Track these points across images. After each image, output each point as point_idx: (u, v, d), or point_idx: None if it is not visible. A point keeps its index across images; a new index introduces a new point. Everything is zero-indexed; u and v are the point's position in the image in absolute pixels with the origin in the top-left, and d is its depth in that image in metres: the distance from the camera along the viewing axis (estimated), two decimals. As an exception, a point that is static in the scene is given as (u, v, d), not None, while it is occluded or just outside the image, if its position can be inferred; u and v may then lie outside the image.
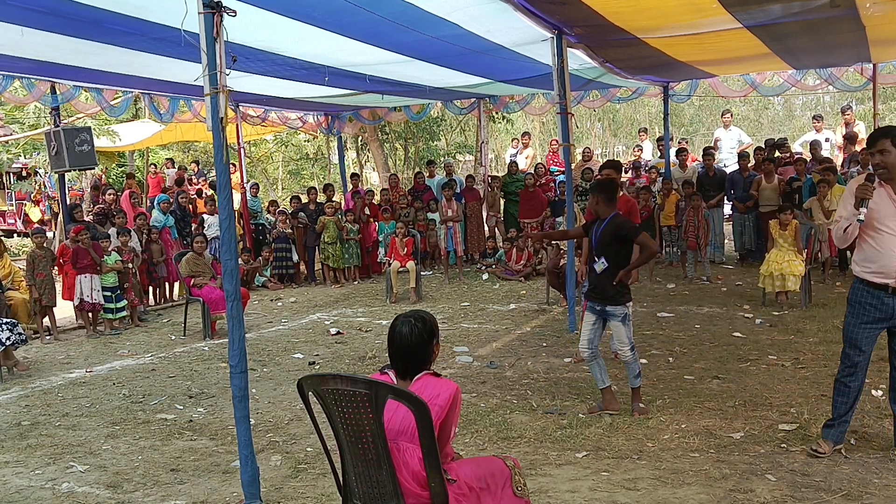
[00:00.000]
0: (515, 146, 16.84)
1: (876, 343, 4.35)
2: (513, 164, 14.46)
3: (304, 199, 13.81)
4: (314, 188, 14.00)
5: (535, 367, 6.69)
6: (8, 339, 7.12)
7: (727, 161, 13.70)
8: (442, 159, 22.65)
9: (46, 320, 9.14)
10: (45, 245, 9.11)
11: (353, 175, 14.98)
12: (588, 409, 5.44)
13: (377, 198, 13.74)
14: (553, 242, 9.90)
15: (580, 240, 6.40)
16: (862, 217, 4.16)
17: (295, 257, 12.74)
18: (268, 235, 12.98)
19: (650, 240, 5.44)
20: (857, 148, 11.59)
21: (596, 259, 5.35)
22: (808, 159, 11.94)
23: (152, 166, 17.84)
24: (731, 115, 15.55)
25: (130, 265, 9.65)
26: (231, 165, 6.93)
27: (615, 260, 5.27)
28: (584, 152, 14.71)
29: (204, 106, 9.91)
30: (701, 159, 12.72)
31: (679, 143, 15.28)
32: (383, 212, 12.77)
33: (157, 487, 4.45)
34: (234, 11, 4.02)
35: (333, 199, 13.25)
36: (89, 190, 17.05)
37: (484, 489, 2.92)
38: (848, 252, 9.31)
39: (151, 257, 10.87)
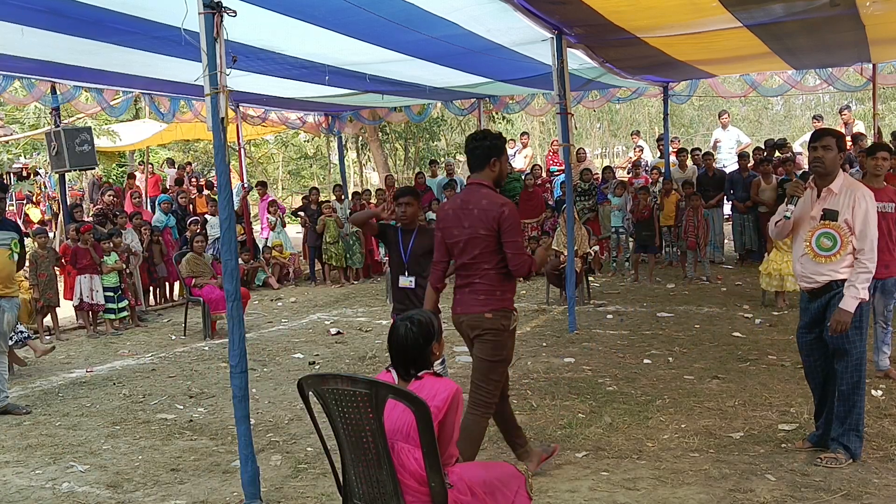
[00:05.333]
0: (513, 146, 16.82)
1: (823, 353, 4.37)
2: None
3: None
4: (316, 188, 14.01)
5: (535, 367, 6.69)
6: (10, 338, 7.11)
7: (726, 161, 13.69)
8: (443, 159, 22.68)
9: (47, 320, 9.14)
10: (47, 245, 9.11)
11: (260, 183, 14.57)
12: None
13: (374, 198, 13.75)
14: (552, 247, 9.89)
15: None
16: (789, 214, 4.29)
17: None
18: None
19: None
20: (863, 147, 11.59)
21: (405, 275, 5.10)
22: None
23: (149, 165, 17.84)
24: (729, 116, 15.53)
25: (125, 266, 9.64)
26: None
27: (427, 271, 5.05)
28: (577, 153, 14.69)
29: (205, 106, 9.92)
30: (697, 161, 12.69)
31: (671, 141, 15.23)
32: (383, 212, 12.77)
33: (157, 487, 4.45)
34: (235, 11, 4.02)
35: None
36: (88, 189, 17.07)
37: (489, 494, 2.90)
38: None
39: (152, 257, 10.88)
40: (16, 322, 6.17)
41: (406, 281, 5.16)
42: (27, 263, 8.97)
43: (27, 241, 8.26)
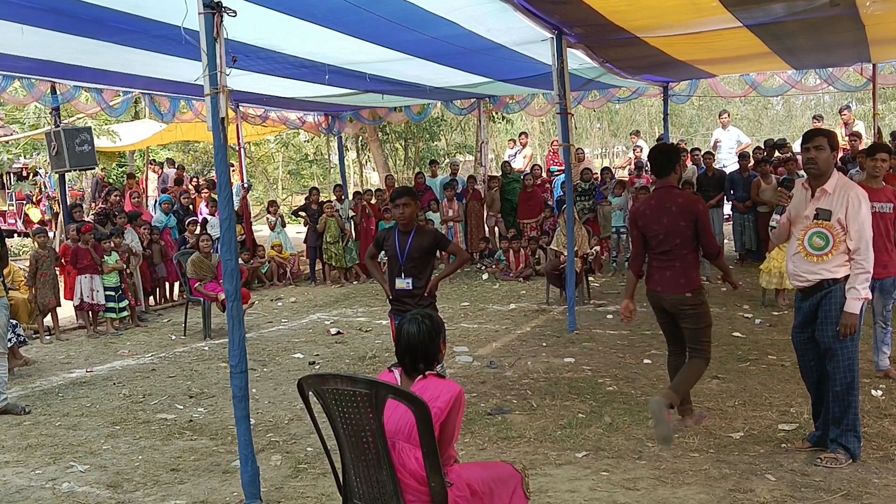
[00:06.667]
0: (513, 147, 16.82)
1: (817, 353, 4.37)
2: (505, 163, 14.44)
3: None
4: (316, 188, 14.02)
5: (535, 367, 6.70)
6: (10, 339, 7.11)
7: (726, 161, 13.68)
8: (443, 159, 22.65)
9: (47, 320, 9.14)
10: (47, 245, 9.11)
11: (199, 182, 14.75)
12: None
13: (373, 199, 13.75)
14: (551, 247, 9.90)
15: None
16: (774, 223, 4.34)
17: None
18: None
19: (461, 248, 5.63)
20: (860, 147, 11.59)
21: (402, 276, 5.10)
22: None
23: (152, 164, 17.86)
24: (729, 116, 15.52)
25: (126, 266, 9.63)
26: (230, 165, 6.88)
27: (424, 272, 5.12)
28: (576, 153, 14.66)
29: (205, 106, 9.92)
30: (697, 161, 12.67)
31: (678, 143, 15.25)
32: (384, 212, 12.78)
33: (157, 487, 4.45)
34: (235, 11, 4.02)
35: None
36: (89, 190, 17.06)
37: (487, 493, 2.91)
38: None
39: (152, 257, 10.87)
40: (7, 322, 6.14)
41: (402, 283, 5.11)
42: (27, 263, 8.98)
43: (27, 241, 8.25)
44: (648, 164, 5.31)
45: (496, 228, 13.81)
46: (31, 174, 17.86)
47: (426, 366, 2.95)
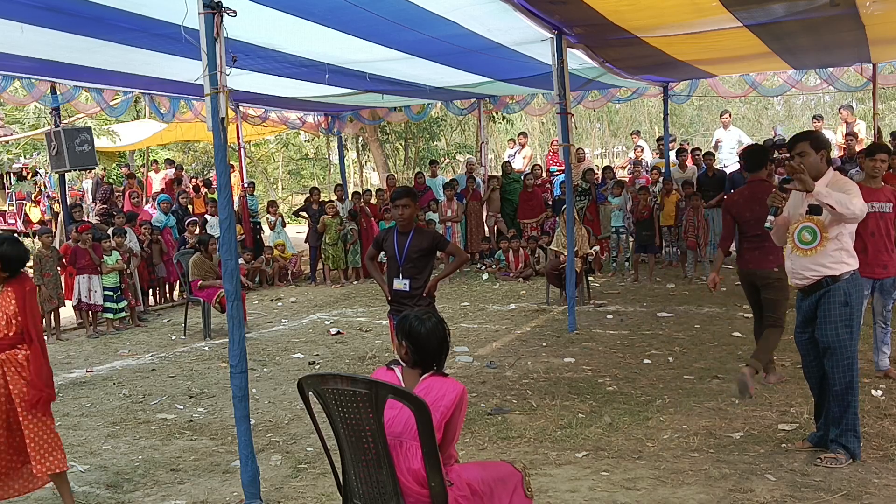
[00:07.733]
0: (512, 147, 16.83)
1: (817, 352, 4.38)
2: (506, 163, 14.43)
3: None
4: (316, 188, 14.02)
5: (535, 367, 6.69)
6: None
7: (727, 161, 13.67)
8: (447, 158, 22.62)
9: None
10: (51, 245, 9.12)
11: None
12: None
13: (374, 199, 13.75)
14: (551, 247, 9.90)
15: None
16: (769, 225, 4.44)
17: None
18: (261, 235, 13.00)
19: (459, 249, 5.73)
20: (858, 148, 11.58)
21: (400, 277, 5.09)
22: None
23: (143, 167, 17.90)
24: (731, 116, 15.53)
25: (126, 266, 9.63)
26: (230, 166, 6.88)
27: (423, 273, 5.11)
28: (576, 153, 14.65)
29: (205, 106, 9.91)
30: (697, 161, 12.65)
31: (682, 143, 15.19)
32: (384, 212, 12.78)
33: (157, 487, 4.45)
34: (235, 12, 4.02)
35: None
36: (92, 188, 17.07)
37: (486, 493, 2.91)
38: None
39: (151, 257, 10.87)
40: None
41: (400, 283, 5.10)
42: (32, 263, 8.97)
43: (28, 241, 8.21)
44: (742, 161, 6.25)
45: (496, 228, 13.80)
46: (31, 174, 17.86)
47: (440, 364, 2.96)
